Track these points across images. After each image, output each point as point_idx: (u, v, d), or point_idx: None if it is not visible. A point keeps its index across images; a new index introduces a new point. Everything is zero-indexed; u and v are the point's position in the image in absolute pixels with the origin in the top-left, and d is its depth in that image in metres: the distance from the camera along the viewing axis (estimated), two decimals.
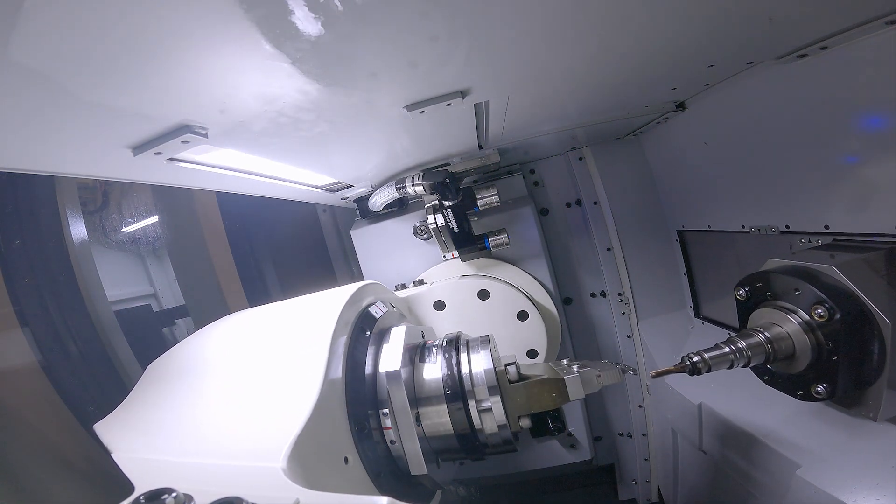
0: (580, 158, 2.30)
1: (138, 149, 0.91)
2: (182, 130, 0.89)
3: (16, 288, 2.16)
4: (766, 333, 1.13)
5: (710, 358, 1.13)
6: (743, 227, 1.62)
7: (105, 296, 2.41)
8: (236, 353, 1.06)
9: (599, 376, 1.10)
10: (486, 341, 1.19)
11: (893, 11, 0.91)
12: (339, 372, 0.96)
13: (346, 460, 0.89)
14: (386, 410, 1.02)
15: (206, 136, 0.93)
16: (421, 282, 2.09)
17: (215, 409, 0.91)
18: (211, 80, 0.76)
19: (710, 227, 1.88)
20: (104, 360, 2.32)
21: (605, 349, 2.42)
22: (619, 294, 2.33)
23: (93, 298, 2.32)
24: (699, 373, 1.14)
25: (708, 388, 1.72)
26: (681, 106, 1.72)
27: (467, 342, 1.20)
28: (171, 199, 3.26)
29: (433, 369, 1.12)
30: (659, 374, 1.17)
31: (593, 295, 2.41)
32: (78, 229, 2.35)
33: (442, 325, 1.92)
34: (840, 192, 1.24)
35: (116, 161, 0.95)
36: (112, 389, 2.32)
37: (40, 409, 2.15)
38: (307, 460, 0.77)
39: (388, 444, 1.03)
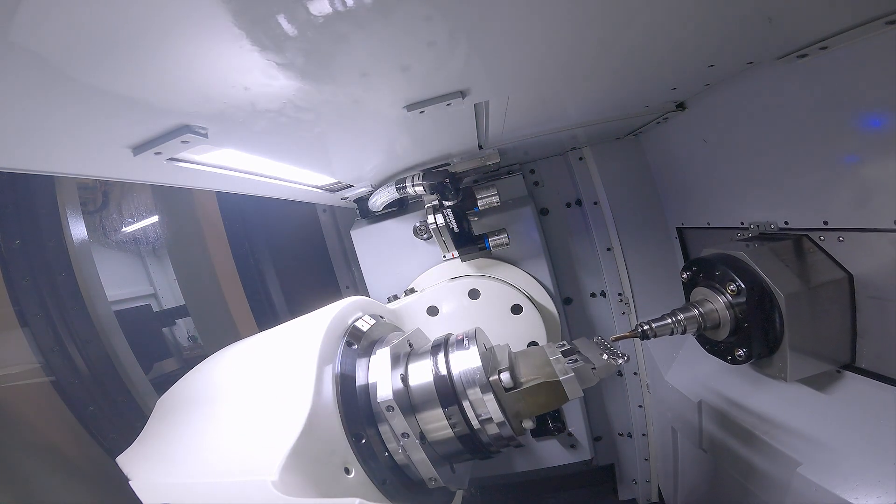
0: (580, 158, 2.30)
1: (138, 149, 0.91)
2: (182, 130, 0.89)
3: (16, 288, 2.16)
4: (699, 308, 1.38)
5: (657, 327, 1.39)
6: (742, 223, 1.63)
7: (105, 296, 2.41)
8: (233, 384, 1.10)
9: (595, 370, 1.10)
10: (471, 338, 1.14)
11: (893, 11, 0.91)
12: (329, 385, 0.98)
13: (347, 471, 0.92)
14: (383, 421, 1.03)
15: (206, 136, 0.93)
16: (412, 290, 2.10)
17: (216, 435, 0.97)
18: (211, 79, 0.76)
19: (709, 224, 1.88)
20: (104, 360, 2.32)
21: None
22: (619, 294, 2.33)
23: (93, 298, 2.32)
24: (647, 337, 1.38)
25: (707, 387, 1.71)
26: (681, 106, 1.72)
27: (454, 342, 1.16)
28: (171, 199, 3.27)
29: (424, 375, 1.10)
30: (618, 339, 1.39)
31: (593, 295, 2.41)
32: (78, 229, 2.35)
33: (437, 330, 1.91)
34: (839, 190, 1.24)
35: (116, 161, 0.95)
36: (112, 389, 2.32)
37: (40, 409, 2.15)
38: (304, 473, 0.82)
39: (391, 452, 1.03)
